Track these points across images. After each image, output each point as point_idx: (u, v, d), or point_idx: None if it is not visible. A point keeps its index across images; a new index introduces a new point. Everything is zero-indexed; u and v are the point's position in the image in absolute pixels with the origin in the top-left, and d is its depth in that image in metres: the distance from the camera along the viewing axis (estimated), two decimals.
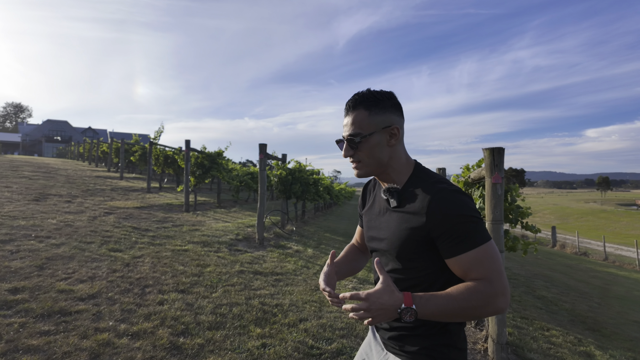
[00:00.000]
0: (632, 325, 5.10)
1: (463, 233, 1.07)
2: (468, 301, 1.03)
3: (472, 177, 3.81)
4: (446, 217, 1.07)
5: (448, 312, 1.04)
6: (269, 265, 5.27)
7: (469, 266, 1.07)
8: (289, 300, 3.91)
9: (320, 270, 5.26)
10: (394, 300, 1.03)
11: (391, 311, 1.03)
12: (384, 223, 1.25)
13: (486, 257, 1.06)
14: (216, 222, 8.34)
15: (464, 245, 1.07)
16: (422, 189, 1.15)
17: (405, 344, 1.21)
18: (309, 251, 6.67)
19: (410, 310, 1.02)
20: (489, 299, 1.03)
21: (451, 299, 1.04)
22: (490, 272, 1.06)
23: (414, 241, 1.14)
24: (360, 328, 3.41)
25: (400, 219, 1.18)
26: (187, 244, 5.70)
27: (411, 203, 1.16)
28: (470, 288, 1.05)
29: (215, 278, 4.27)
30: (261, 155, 6.85)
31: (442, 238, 1.09)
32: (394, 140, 1.21)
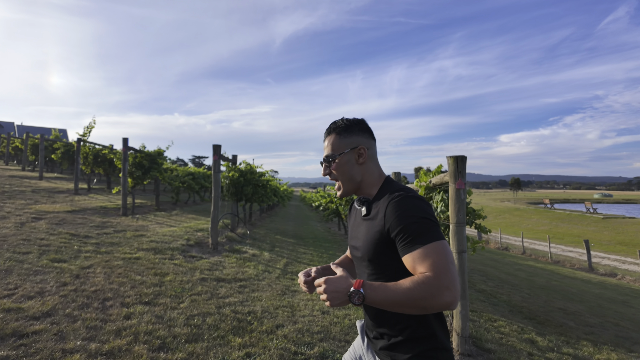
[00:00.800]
0: (558, 312, 5.80)
1: (414, 232, 1.15)
2: (413, 291, 1.07)
3: (434, 182, 4.08)
4: (399, 218, 1.18)
5: (395, 300, 1.09)
6: (229, 271, 5.12)
7: (417, 262, 1.13)
8: (260, 306, 3.85)
9: (281, 275, 5.24)
10: (347, 285, 1.13)
11: (343, 294, 1.12)
12: (359, 232, 1.39)
13: (433, 253, 1.12)
14: (160, 227, 7.89)
15: (414, 243, 1.15)
16: (385, 197, 1.29)
17: (396, 353, 1.28)
18: (266, 255, 6.60)
19: (358, 293, 1.10)
20: (434, 291, 1.06)
21: (398, 289, 1.09)
22: (436, 267, 1.10)
23: (380, 244, 1.26)
24: (335, 330, 3.48)
25: (368, 225, 1.32)
26: (136, 251, 5.33)
27: (376, 210, 1.30)
28: (415, 279, 1.10)
29: (178, 287, 4.06)
30: (215, 156, 6.63)
31: (398, 238, 1.19)
32: (362, 158, 1.38)
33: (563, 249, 22.75)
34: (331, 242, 9.67)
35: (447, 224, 3.84)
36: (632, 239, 25.89)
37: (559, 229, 32.81)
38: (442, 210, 3.99)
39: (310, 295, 4.52)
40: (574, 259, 18.31)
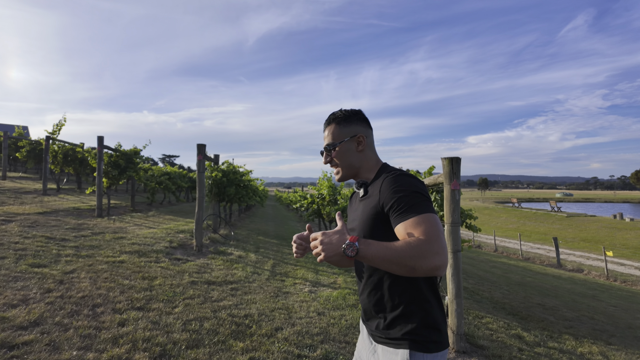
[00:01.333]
0: (538, 308, 6.04)
1: (407, 203, 1.21)
2: (404, 250, 1.10)
3: (427, 183, 4.14)
4: (393, 191, 1.25)
5: (386, 257, 1.11)
6: (218, 273, 5.01)
7: (410, 229, 1.17)
8: (255, 309, 3.79)
9: (271, 276, 5.18)
10: (343, 237, 1.16)
11: (338, 246, 1.14)
12: (356, 213, 1.46)
13: (426, 222, 1.16)
14: (140, 229, 7.64)
15: (407, 213, 1.20)
16: (381, 177, 1.37)
17: (390, 330, 1.32)
18: (252, 256, 6.50)
19: (352, 245, 1.12)
20: (425, 253, 1.10)
21: (391, 246, 1.12)
22: (428, 233, 1.14)
23: (374, 220, 1.32)
24: (334, 331, 3.47)
25: (366, 205, 1.39)
26: (120, 254, 5.13)
27: (372, 190, 1.38)
28: (408, 240, 1.14)
29: (170, 291, 3.94)
30: (200, 156, 6.47)
31: (391, 210, 1.25)
32: (361, 146, 1.46)
33: (532, 246, 23.67)
34: None
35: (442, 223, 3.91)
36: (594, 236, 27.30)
37: (526, 226, 34.14)
38: (436, 210, 4.06)
39: (307, 296, 4.49)
40: (543, 256, 19.10)
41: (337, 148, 1.46)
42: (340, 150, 1.46)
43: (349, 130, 1.47)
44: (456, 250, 3.60)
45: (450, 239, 3.59)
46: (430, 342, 1.28)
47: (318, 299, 4.46)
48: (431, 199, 1.29)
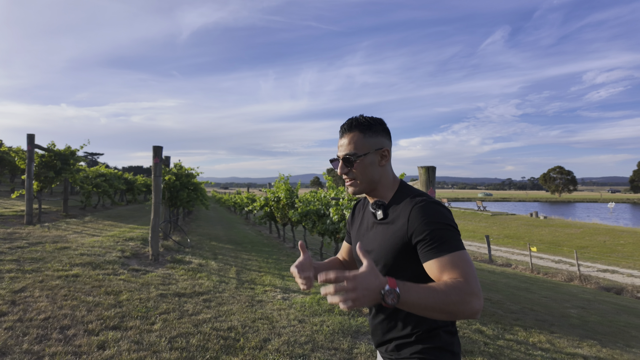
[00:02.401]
0: (486, 302, 6.57)
1: (440, 238, 1.14)
2: (447, 295, 1.04)
3: None
4: (425, 223, 1.17)
5: (429, 304, 1.04)
6: (184, 284, 4.77)
7: (445, 269, 1.12)
8: (237, 321, 3.67)
9: (239, 285, 5.06)
10: (380, 282, 1.02)
11: (376, 292, 1.01)
12: (371, 236, 1.35)
13: (462, 261, 1.12)
14: (82, 237, 7.01)
15: (441, 249, 1.13)
16: (405, 201, 1.27)
17: (402, 350, 1.29)
18: (213, 264, 6.27)
19: (393, 292, 1.01)
20: (466, 297, 1.05)
21: (432, 291, 1.05)
22: (465, 273, 1.10)
23: (399, 249, 1.23)
24: (320, 338, 3.48)
25: (386, 230, 1.29)
26: (70, 267, 4.67)
27: (396, 215, 1.27)
28: (449, 283, 1.07)
29: (141, 307, 3.67)
30: (156, 159, 6.09)
31: (422, 243, 1.17)
32: (384, 161, 1.35)
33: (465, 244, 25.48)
34: (271, 247, 9.53)
35: None
36: (515, 233, 30.17)
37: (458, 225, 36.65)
38: None
39: (282, 303, 4.44)
40: (476, 252, 20.70)
41: (359, 159, 1.32)
42: (364, 163, 1.32)
43: (374, 142, 1.33)
44: None
45: None
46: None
47: (294, 305, 4.44)
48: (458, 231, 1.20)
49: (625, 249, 18.48)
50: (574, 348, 4.39)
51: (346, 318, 4.13)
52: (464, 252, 1.15)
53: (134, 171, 28.28)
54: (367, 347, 3.39)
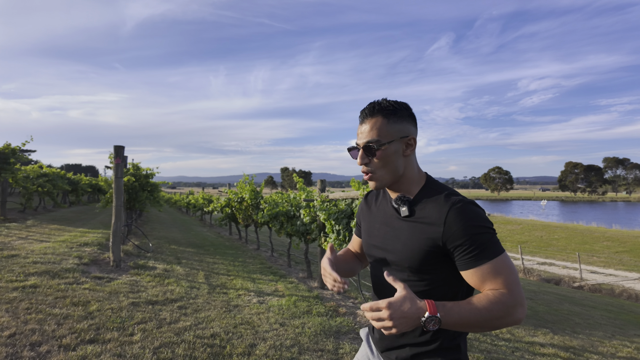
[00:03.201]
0: None
1: (480, 245, 1.07)
2: (490, 312, 1.01)
3: None
4: (464, 228, 1.07)
5: (470, 322, 1.02)
6: (154, 292, 4.56)
7: (487, 277, 1.07)
8: (218, 328, 3.58)
9: (211, 290, 4.93)
10: (417, 308, 0.99)
11: (414, 319, 0.99)
12: (392, 233, 1.23)
13: (504, 267, 1.06)
14: (29, 243, 6.47)
15: (481, 257, 1.07)
16: (437, 199, 1.15)
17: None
18: (179, 269, 6.04)
19: (435, 318, 0.98)
20: (510, 309, 1.02)
21: (474, 309, 1.02)
22: (508, 282, 1.05)
23: (429, 252, 1.13)
24: (305, 340, 3.50)
25: (413, 228, 1.17)
26: (25, 276, 4.30)
27: (426, 213, 1.16)
28: (491, 298, 1.03)
29: (114, 317, 3.47)
30: (118, 159, 5.76)
31: (459, 249, 1.09)
32: (409, 150, 1.22)
33: None
34: (234, 249, 9.34)
35: None
36: None
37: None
38: None
39: (259, 307, 4.39)
40: None
41: (382, 147, 1.18)
42: (387, 152, 1.19)
43: (399, 128, 1.20)
44: None
45: None
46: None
47: (271, 309, 4.41)
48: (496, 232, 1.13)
49: (560, 243, 20.25)
50: (531, 337, 4.76)
51: (325, 319, 4.18)
52: (505, 256, 1.08)
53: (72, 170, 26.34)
54: (350, 346, 3.46)
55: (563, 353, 4.17)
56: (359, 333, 1.48)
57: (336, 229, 5.12)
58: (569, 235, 21.36)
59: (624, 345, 4.89)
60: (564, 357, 4.04)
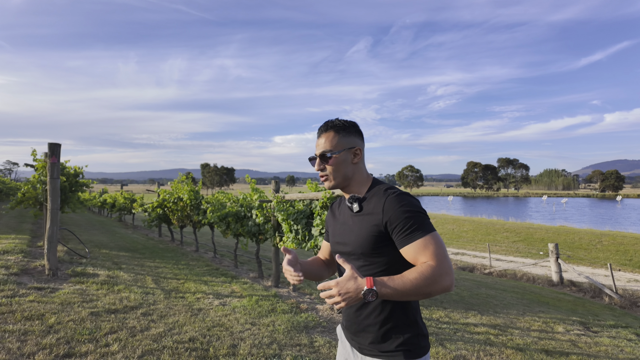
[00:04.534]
0: None
1: (412, 224, 1.27)
2: (419, 280, 1.18)
3: (339, 194, 4.74)
4: (397, 212, 1.29)
5: (404, 292, 1.19)
6: (109, 300, 4.31)
7: (418, 252, 1.25)
8: (193, 332, 3.56)
9: (167, 295, 4.83)
10: (358, 284, 1.17)
11: (357, 293, 1.17)
12: (348, 228, 1.45)
13: (431, 243, 1.25)
14: None
15: (413, 235, 1.26)
16: (379, 194, 1.39)
17: (382, 344, 1.37)
18: (124, 275, 5.71)
19: (371, 291, 1.16)
20: (437, 278, 1.19)
21: (406, 280, 1.19)
22: (435, 255, 1.23)
23: (375, 237, 1.34)
24: (280, 337, 3.65)
25: (362, 221, 1.39)
26: None
27: (370, 206, 1.38)
28: (420, 269, 1.21)
29: (80, 329, 3.26)
30: (54, 158, 5.25)
31: (396, 230, 1.29)
32: (357, 159, 1.47)
33: None
34: (172, 252, 8.94)
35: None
36: None
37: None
38: None
39: (223, 309, 4.40)
40: None
41: (334, 157, 1.43)
42: (337, 160, 1.44)
43: (347, 141, 1.46)
44: None
45: None
46: (419, 347, 1.36)
47: (236, 310, 4.46)
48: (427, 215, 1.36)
49: (468, 235, 22.73)
50: (465, 319, 5.46)
51: (291, 316, 4.36)
52: (434, 233, 1.28)
53: None
54: (323, 339, 3.70)
55: (492, 330, 4.88)
56: (337, 330, 1.63)
57: (294, 228, 5.31)
58: (475, 227, 24.09)
59: (534, 320, 5.85)
60: (494, 334, 4.74)
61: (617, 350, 4.63)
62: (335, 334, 3.94)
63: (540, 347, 4.28)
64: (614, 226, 29.78)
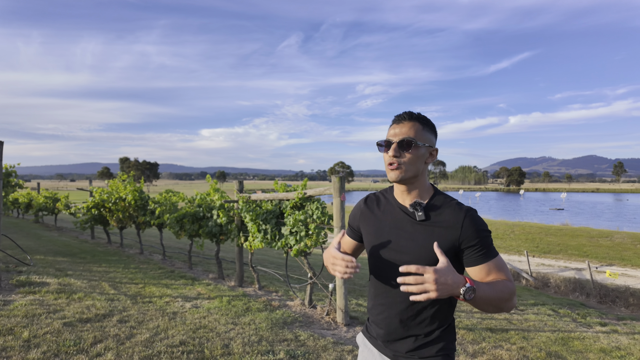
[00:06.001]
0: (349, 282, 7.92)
1: (487, 245, 1.30)
2: (502, 292, 1.23)
3: (310, 194, 4.97)
4: (477, 231, 1.29)
5: (490, 299, 1.21)
6: (74, 309, 4.08)
7: (492, 271, 1.29)
8: (180, 335, 3.55)
9: (134, 301, 4.72)
10: (458, 279, 1.15)
11: (454, 288, 1.14)
12: (405, 235, 1.36)
13: (503, 264, 1.31)
14: None
15: (489, 255, 1.30)
16: (452, 206, 1.34)
17: (422, 350, 1.36)
18: (76, 282, 5.36)
19: (472, 289, 1.16)
20: (512, 294, 1.26)
21: (494, 289, 1.23)
22: (509, 276, 1.31)
23: (446, 251, 1.29)
24: (266, 334, 3.78)
25: (430, 231, 1.32)
26: None
27: (443, 218, 1.33)
28: (504, 283, 1.26)
29: (62, 341, 3.10)
30: None
31: (472, 249, 1.29)
32: (430, 159, 1.39)
33: None
34: (115, 255, 8.40)
35: (323, 227, 4.82)
36: None
37: None
38: (318, 216, 4.94)
39: (198, 311, 4.39)
40: None
41: (417, 147, 1.34)
42: (418, 152, 1.34)
43: (429, 138, 1.38)
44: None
45: None
46: (454, 350, 1.40)
47: (212, 311, 4.48)
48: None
49: None
50: None
51: (267, 313, 4.50)
52: (500, 255, 1.35)
53: None
54: (305, 333, 3.92)
55: None
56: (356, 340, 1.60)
57: (263, 228, 5.42)
58: None
59: None
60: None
61: (542, 324, 5.49)
62: (314, 327, 4.18)
63: (485, 326, 4.93)
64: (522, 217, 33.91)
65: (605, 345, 4.59)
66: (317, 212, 4.92)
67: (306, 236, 4.84)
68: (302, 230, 4.85)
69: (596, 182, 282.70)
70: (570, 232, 21.44)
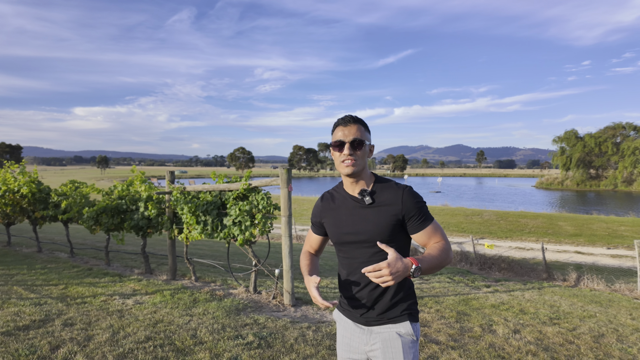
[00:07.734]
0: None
1: (424, 213, 1.58)
2: (442, 255, 1.50)
3: (256, 185, 5.12)
4: (415, 203, 1.56)
5: (434, 266, 1.47)
6: (6, 318, 3.67)
7: (431, 235, 1.58)
8: (140, 332, 3.48)
9: (64, 303, 4.47)
10: (405, 264, 1.38)
11: (405, 271, 1.38)
12: (360, 219, 1.60)
13: (438, 227, 1.60)
14: None
15: (426, 221, 1.57)
16: (391, 188, 1.61)
17: (389, 311, 1.60)
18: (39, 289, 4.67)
19: (418, 269, 1.40)
20: (449, 252, 1.54)
21: (434, 257, 1.48)
22: (443, 235, 1.59)
23: (394, 225, 1.56)
24: (227, 322, 3.91)
25: (379, 212, 1.58)
26: None
27: (385, 198, 1.60)
28: (440, 247, 1.53)
29: (14, 351, 2.83)
30: None
31: (413, 219, 1.56)
32: (370, 154, 1.68)
33: None
34: (10, 256, 7.25)
35: (269, 216, 5.04)
36: None
37: None
38: (264, 206, 5.12)
39: (144, 307, 4.26)
40: None
41: (366, 145, 1.62)
42: (364, 150, 1.61)
43: (368, 137, 1.67)
44: (289, 235, 4.93)
45: (286, 227, 4.86)
46: (416, 312, 1.64)
47: (159, 306, 4.40)
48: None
49: (308, 212, 25.26)
50: None
51: (217, 302, 4.60)
52: (435, 220, 1.62)
53: None
54: (262, 316, 4.17)
55: None
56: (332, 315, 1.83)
57: (202, 219, 5.40)
58: (310, 205, 26.97)
59: None
60: None
61: (445, 289, 6.58)
62: (265, 311, 4.44)
63: None
64: None
65: (493, 302, 5.77)
66: (263, 202, 5.11)
67: (252, 225, 4.99)
68: (247, 221, 4.99)
69: (462, 168, 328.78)
70: (450, 211, 24.94)
